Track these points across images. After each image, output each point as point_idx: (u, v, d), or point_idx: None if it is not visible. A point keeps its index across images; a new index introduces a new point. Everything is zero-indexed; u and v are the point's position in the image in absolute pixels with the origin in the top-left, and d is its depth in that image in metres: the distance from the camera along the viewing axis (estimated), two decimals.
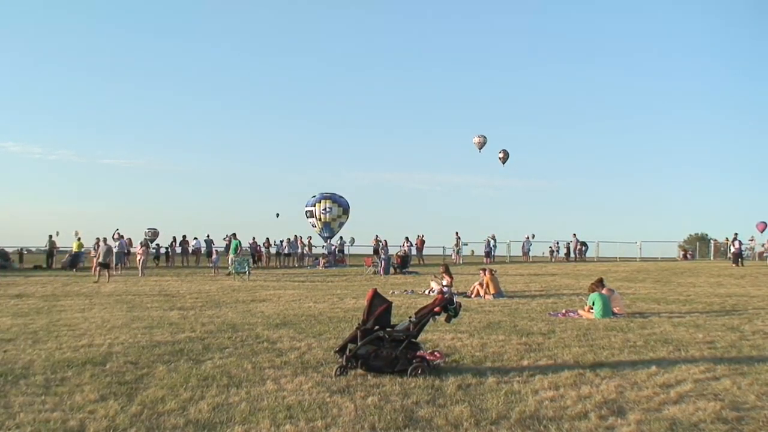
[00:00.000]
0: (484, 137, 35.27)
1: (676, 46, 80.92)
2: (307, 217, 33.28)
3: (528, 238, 35.15)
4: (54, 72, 79.29)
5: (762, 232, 36.68)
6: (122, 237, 26.40)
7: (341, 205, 33.15)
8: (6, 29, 75.97)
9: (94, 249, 26.13)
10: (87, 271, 24.37)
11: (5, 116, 76.91)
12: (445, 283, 15.88)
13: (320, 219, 32.70)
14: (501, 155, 36.15)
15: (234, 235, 27.14)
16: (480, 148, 35.48)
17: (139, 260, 23.96)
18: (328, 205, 32.67)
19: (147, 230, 31.45)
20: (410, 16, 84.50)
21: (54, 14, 79.13)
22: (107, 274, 20.07)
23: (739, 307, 12.15)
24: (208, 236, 30.47)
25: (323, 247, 32.74)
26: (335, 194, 33.43)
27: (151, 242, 30.39)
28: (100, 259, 20.43)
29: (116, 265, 24.60)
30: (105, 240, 22.50)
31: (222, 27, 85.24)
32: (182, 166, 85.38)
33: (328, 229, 32.89)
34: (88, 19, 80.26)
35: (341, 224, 33.46)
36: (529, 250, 35.01)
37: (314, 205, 32.91)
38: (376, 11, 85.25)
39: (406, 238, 32.28)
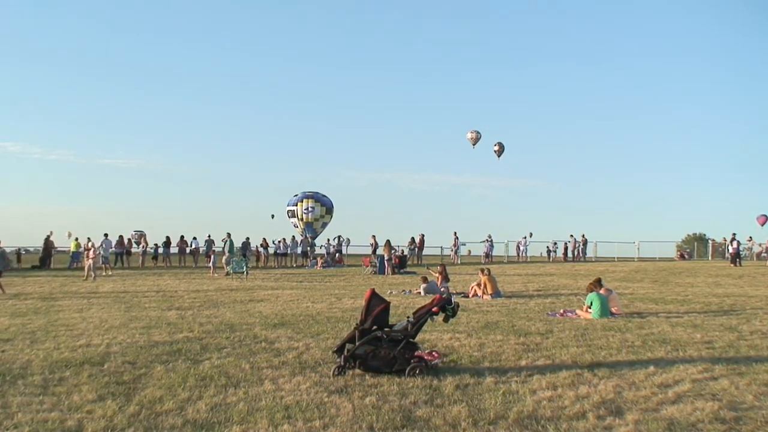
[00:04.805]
0: (478, 133, 34.86)
1: (673, 46, 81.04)
2: (289, 217, 31.90)
3: (525, 237, 35.11)
4: (53, 72, 79.42)
5: (762, 225, 36.50)
6: (106, 237, 26.40)
7: (324, 205, 31.49)
8: (5, 29, 75.87)
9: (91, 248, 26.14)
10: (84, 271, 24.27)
11: (4, 116, 76.85)
12: (438, 284, 15.92)
13: (302, 219, 31.14)
14: (496, 148, 35.86)
15: (228, 234, 27.10)
16: (474, 144, 35.09)
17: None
18: (310, 205, 31.05)
19: (133, 232, 31.25)
20: (408, 15, 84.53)
21: (53, 14, 79.05)
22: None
23: (737, 307, 12.16)
24: (209, 236, 30.34)
25: (321, 247, 32.52)
26: (318, 193, 31.88)
27: (137, 244, 30.29)
28: None
29: (104, 265, 24.36)
30: None
31: (221, 27, 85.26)
32: (181, 166, 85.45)
33: (311, 230, 31.33)
34: (87, 19, 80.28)
35: (324, 224, 31.63)
36: (525, 249, 34.96)
37: (296, 205, 31.43)
38: (374, 10, 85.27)
39: (412, 239, 32.05)
